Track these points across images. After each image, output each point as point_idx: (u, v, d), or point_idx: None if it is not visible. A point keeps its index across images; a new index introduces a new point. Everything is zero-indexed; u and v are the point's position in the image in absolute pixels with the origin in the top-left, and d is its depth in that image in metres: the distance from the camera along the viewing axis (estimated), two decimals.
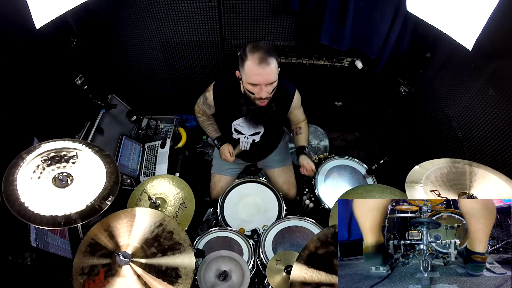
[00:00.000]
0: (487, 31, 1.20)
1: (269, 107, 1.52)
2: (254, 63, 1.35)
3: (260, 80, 1.38)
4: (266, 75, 1.37)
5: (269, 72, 1.37)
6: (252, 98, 1.47)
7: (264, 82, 1.39)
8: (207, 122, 1.87)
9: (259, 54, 1.34)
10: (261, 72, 1.36)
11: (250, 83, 1.41)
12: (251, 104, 1.51)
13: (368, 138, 2.77)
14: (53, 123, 1.73)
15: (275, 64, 1.38)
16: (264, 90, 1.41)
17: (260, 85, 1.40)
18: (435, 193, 1.11)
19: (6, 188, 1.10)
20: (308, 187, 1.99)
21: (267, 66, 1.35)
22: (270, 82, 1.40)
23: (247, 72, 1.39)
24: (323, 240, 1.05)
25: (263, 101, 1.46)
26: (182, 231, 1.19)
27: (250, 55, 1.36)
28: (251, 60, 1.35)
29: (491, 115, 1.45)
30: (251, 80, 1.39)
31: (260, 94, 1.42)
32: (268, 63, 1.35)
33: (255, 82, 1.39)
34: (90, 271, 1.07)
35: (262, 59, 1.34)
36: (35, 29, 1.35)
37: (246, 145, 1.79)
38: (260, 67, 1.34)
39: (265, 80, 1.38)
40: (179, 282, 1.07)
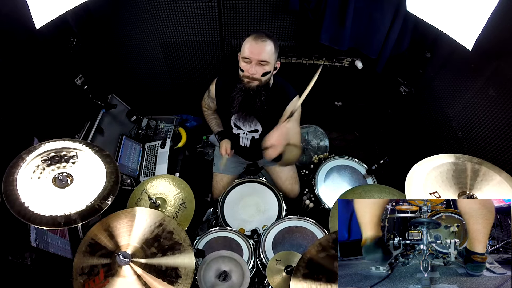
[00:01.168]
0: (487, 31, 1.20)
1: (257, 94, 1.52)
2: (251, 38, 1.43)
3: (251, 54, 1.42)
4: (258, 49, 1.41)
5: (262, 49, 1.41)
6: (241, 76, 1.51)
7: (255, 57, 1.42)
8: (211, 116, 1.91)
9: (259, 33, 1.44)
10: (254, 46, 1.41)
11: (243, 57, 1.46)
12: (240, 83, 1.53)
13: (368, 138, 2.76)
14: (53, 123, 1.73)
15: (271, 46, 1.43)
16: (253, 67, 1.44)
17: (251, 60, 1.43)
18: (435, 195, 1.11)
19: (6, 188, 1.10)
20: (308, 187, 1.99)
21: (261, 42, 1.41)
22: (261, 60, 1.43)
23: (243, 47, 1.46)
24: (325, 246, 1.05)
25: (251, 80, 1.48)
26: (182, 231, 1.19)
27: (252, 34, 1.45)
28: (251, 36, 1.44)
29: (491, 115, 1.45)
30: (244, 53, 1.45)
31: (250, 70, 1.45)
32: (264, 40, 1.42)
33: (247, 55, 1.43)
34: (90, 271, 1.07)
35: (259, 36, 1.42)
36: (35, 29, 1.35)
37: (246, 142, 1.80)
38: (254, 41, 1.42)
39: (256, 55, 1.42)
40: (179, 282, 1.07)
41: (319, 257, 1.04)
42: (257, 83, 1.50)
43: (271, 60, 1.46)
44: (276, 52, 1.48)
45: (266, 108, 1.58)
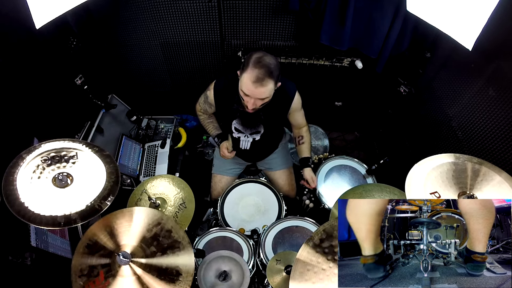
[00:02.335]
0: (487, 31, 1.20)
1: (257, 115, 1.55)
2: (249, 80, 1.34)
3: (251, 95, 1.40)
4: (257, 93, 1.38)
5: (261, 92, 1.37)
6: (244, 102, 1.49)
7: (255, 98, 1.41)
8: (207, 120, 1.87)
9: (258, 73, 1.33)
10: (253, 90, 1.37)
11: (242, 91, 1.43)
12: (241, 106, 1.54)
13: (368, 138, 2.76)
14: (53, 123, 1.73)
15: (271, 86, 1.37)
16: (252, 103, 1.42)
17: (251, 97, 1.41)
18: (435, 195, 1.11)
19: (6, 188, 1.10)
20: None
21: (260, 87, 1.35)
22: (261, 98, 1.42)
23: (242, 82, 1.41)
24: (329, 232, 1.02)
25: (249, 110, 1.48)
26: (181, 229, 1.19)
27: (250, 69, 1.34)
28: (249, 74, 1.35)
29: (491, 115, 1.45)
30: (244, 90, 1.41)
31: (249, 105, 1.44)
32: (263, 85, 1.35)
33: (247, 94, 1.41)
34: (89, 272, 1.07)
35: (258, 79, 1.33)
36: (35, 29, 1.35)
37: (246, 144, 1.79)
38: (253, 85, 1.35)
39: (256, 97, 1.40)
40: (180, 279, 1.07)
41: None
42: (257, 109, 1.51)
43: (271, 94, 1.43)
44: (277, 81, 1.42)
45: (269, 110, 1.58)
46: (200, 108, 1.82)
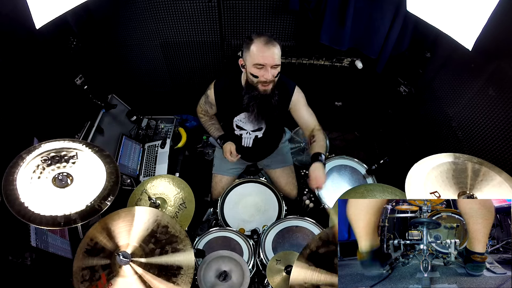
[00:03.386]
0: (487, 31, 1.21)
1: (272, 95, 1.53)
2: (261, 44, 1.41)
3: (265, 60, 1.42)
4: (271, 55, 1.41)
5: (274, 53, 1.42)
6: (256, 83, 1.49)
7: (270, 63, 1.43)
8: (209, 122, 1.87)
9: (265, 37, 1.42)
10: (267, 52, 1.41)
11: (256, 64, 1.44)
12: (254, 90, 1.52)
13: (368, 138, 2.76)
14: (53, 123, 1.73)
15: (278, 48, 1.44)
16: (269, 72, 1.44)
17: (265, 66, 1.43)
18: (435, 195, 1.11)
19: (6, 188, 1.10)
20: (308, 187, 1.98)
21: (273, 47, 1.41)
22: (275, 64, 1.44)
23: (252, 53, 1.43)
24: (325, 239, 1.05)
25: (267, 84, 1.48)
26: (177, 224, 1.20)
27: (256, 38, 1.43)
28: (257, 41, 1.42)
29: (491, 115, 1.45)
30: (257, 60, 1.43)
31: (266, 75, 1.45)
32: (274, 45, 1.42)
33: (261, 62, 1.42)
34: (91, 276, 1.06)
35: (268, 41, 1.41)
36: (35, 29, 1.35)
37: (248, 141, 1.79)
38: (266, 47, 1.40)
39: (271, 61, 1.42)
40: (181, 274, 1.08)
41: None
42: (272, 86, 1.51)
43: (280, 62, 1.47)
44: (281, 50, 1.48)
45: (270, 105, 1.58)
46: (201, 109, 1.82)
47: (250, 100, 1.55)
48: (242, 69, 1.55)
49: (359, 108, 2.59)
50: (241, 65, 1.54)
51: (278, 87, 1.55)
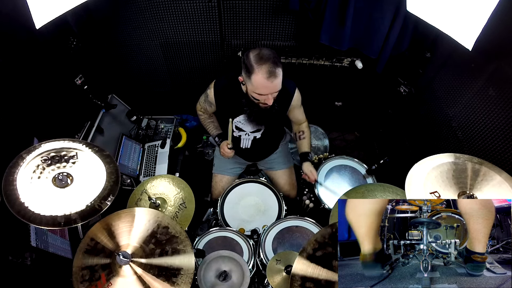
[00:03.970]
0: (487, 31, 1.20)
1: (272, 107, 1.53)
2: (263, 78, 1.33)
3: (268, 91, 1.40)
4: (273, 87, 1.38)
5: (276, 84, 1.38)
6: (256, 103, 1.49)
7: (272, 93, 1.41)
8: (208, 120, 1.87)
9: (267, 67, 1.32)
10: (269, 86, 1.36)
11: (257, 93, 1.41)
12: (254, 106, 1.52)
13: (368, 138, 2.76)
14: (53, 123, 1.73)
15: (281, 73, 1.38)
16: (271, 99, 1.43)
17: (267, 94, 1.41)
18: (435, 195, 1.11)
19: (6, 188, 1.10)
20: (308, 187, 1.99)
21: (275, 79, 1.35)
22: (277, 91, 1.42)
23: (254, 84, 1.38)
24: (321, 242, 1.05)
25: (267, 105, 1.48)
26: (177, 225, 1.20)
27: (258, 68, 1.33)
28: (260, 74, 1.33)
29: (491, 115, 1.45)
30: (259, 91, 1.40)
31: (267, 101, 1.43)
32: (276, 76, 1.34)
33: (263, 93, 1.40)
34: (91, 277, 1.06)
35: (271, 73, 1.32)
36: (35, 29, 1.35)
37: (247, 143, 1.79)
38: (269, 81, 1.34)
39: (273, 91, 1.41)
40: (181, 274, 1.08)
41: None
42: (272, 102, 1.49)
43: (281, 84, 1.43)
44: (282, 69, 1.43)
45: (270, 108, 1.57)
46: (201, 107, 1.82)
47: (251, 113, 1.57)
48: (242, 85, 1.53)
49: (359, 108, 2.59)
50: (241, 82, 1.51)
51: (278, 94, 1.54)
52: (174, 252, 1.13)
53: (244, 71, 1.42)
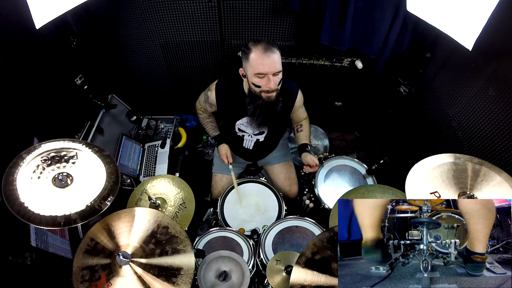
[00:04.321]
0: (487, 31, 1.20)
1: (277, 102, 1.51)
2: (259, 52, 1.38)
3: (266, 69, 1.40)
4: (272, 63, 1.39)
5: (275, 61, 1.40)
6: (259, 92, 1.47)
7: (271, 71, 1.41)
8: (207, 119, 1.87)
9: (263, 45, 1.39)
10: (267, 61, 1.38)
11: (257, 74, 1.42)
12: (258, 99, 1.50)
13: (368, 138, 2.76)
14: (53, 123, 1.73)
15: (278, 54, 1.42)
16: (272, 80, 1.42)
17: (267, 75, 1.41)
18: (435, 195, 1.11)
19: (6, 188, 1.10)
20: (308, 187, 1.99)
21: (272, 54, 1.39)
22: (276, 71, 1.42)
23: (252, 63, 1.40)
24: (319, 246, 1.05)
25: (270, 93, 1.46)
26: (177, 225, 1.20)
27: (254, 47, 1.40)
28: (256, 50, 1.39)
29: (491, 115, 1.45)
30: (258, 69, 1.40)
31: (268, 85, 1.43)
32: (273, 51, 1.39)
33: (262, 71, 1.40)
34: (91, 277, 1.06)
35: (266, 48, 1.38)
36: (35, 29, 1.35)
37: (250, 144, 1.79)
38: (265, 55, 1.38)
39: (272, 69, 1.40)
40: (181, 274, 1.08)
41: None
42: (276, 93, 1.49)
43: (281, 66, 1.44)
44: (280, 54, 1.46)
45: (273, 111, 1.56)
46: (200, 106, 1.82)
47: (256, 109, 1.54)
48: (243, 78, 1.53)
49: (359, 108, 2.59)
50: (242, 75, 1.52)
51: (282, 93, 1.54)
52: (174, 252, 1.13)
53: (243, 59, 1.46)
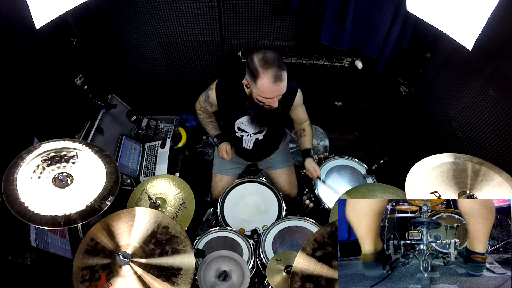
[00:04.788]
0: (487, 31, 1.20)
1: (276, 109, 1.52)
2: (269, 82, 1.33)
3: (274, 95, 1.39)
4: (279, 90, 1.38)
5: (282, 87, 1.38)
6: (261, 105, 1.49)
7: (278, 96, 1.41)
8: (207, 119, 1.87)
9: (273, 71, 1.32)
10: (275, 90, 1.36)
11: (263, 97, 1.41)
12: (260, 108, 1.52)
13: (368, 138, 2.76)
14: (53, 123, 1.73)
15: (286, 76, 1.37)
16: (276, 101, 1.43)
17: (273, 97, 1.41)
18: (435, 195, 1.11)
19: (6, 188, 1.10)
20: (308, 187, 1.99)
21: (281, 83, 1.35)
22: (282, 93, 1.42)
23: (260, 89, 1.37)
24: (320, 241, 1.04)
25: (274, 107, 1.47)
26: (177, 225, 1.20)
27: (263, 73, 1.32)
28: (266, 78, 1.33)
29: (491, 115, 1.45)
30: (265, 95, 1.39)
31: (272, 104, 1.43)
32: (282, 79, 1.34)
33: (269, 96, 1.40)
34: (91, 277, 1.06)
35: (277, 77, 1.32)
36: (35, 29, 1.35)
37: (249, 144, 1.79)
38: (275, 85, 1.34)
39: (279, 94, 1.41)
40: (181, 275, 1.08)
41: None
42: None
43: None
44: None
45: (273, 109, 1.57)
46: (200, 106, 1.82)
47: (256, 115, 1.57)
48: (246, 88, 1.52)
49: (359, 108, 2.59)
50: (245, 85, 1.50)
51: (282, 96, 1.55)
52: (174, 252, 1.13)
53: (248, 75, 1.41)
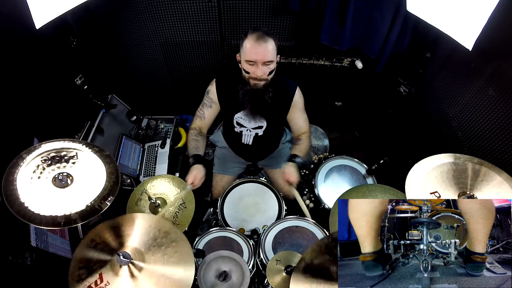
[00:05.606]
0: (487, 31, 1.21)
1: (265, 91, 1.52)
2: (252, 40, 1.40)
3: (256, 57, 1.41)
4: (262, 51, 1.40)
5: (266, 49, 1.40)
6: (247, 78, 1.50)
7: (260, 60, 1.42)
8: (193, 137, 1.75)
9: (258, 33, 1.41)
10: (257, 49, 1.40)
11: (247, 61, 1.44)
12: (246, 85, 1.53)
13: (368, 138, 2.76)
14: (53, 123, 1.73)
15: (272, 44, 1.42)
16: (260, 69, 1.43)
17: (256, 63, 1.42)
18: (435, 195, 1.11)
19: (6, 188, 1.10)
20: (308, 187, 1.99)
21: (264, 43, 1.39)
22: (266, 61, 1.43)
23: (245, 50, 1.43)
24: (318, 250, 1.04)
25: (258, 81, 1.48)
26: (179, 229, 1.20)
27: (250, 34, 1.42)
28: (250, 38, 1.41)
29: (491, 115, 1.45)
30: (248, 57, 1.42)
31: (256, 73, 1.44)
32: (265, 41, 1.40)
33: (251, 58, 1.42)
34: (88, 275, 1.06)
35: (260, 37, 1.40)
36: (35, 29, 1.35)
37: (249, 139, 1.79)
38: (257, 43, 1.39)
39: (261, 57, 1.41)
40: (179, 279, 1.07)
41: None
42: (264, 83, 1.50)
43: (275, 58, 1.46)
44: (276, 48, 1.47)
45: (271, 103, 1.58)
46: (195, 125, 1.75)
47: (244, 95, 1.56)
48: (239, 64, 1.55)
49: (359, 108, 2.59)
50: (238, 61, 1.54)
51: (275, 85, 1.55)
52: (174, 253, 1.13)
53: (240, 44, 1.47)
